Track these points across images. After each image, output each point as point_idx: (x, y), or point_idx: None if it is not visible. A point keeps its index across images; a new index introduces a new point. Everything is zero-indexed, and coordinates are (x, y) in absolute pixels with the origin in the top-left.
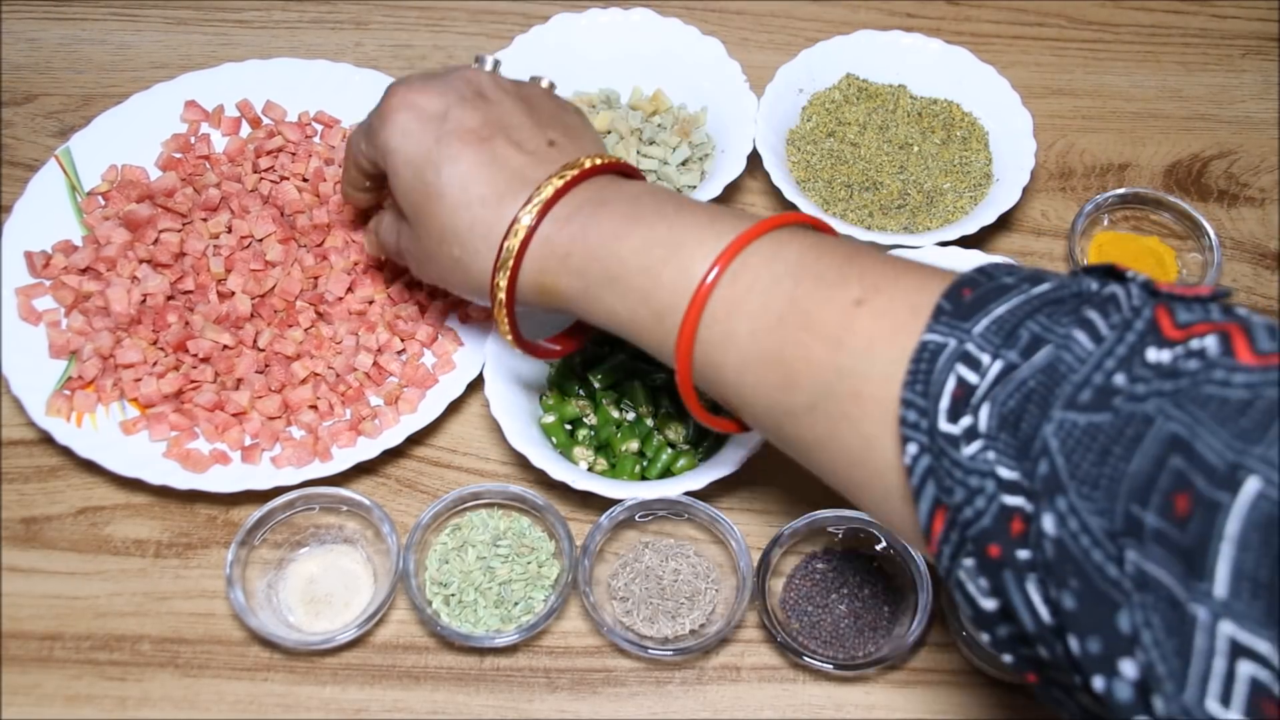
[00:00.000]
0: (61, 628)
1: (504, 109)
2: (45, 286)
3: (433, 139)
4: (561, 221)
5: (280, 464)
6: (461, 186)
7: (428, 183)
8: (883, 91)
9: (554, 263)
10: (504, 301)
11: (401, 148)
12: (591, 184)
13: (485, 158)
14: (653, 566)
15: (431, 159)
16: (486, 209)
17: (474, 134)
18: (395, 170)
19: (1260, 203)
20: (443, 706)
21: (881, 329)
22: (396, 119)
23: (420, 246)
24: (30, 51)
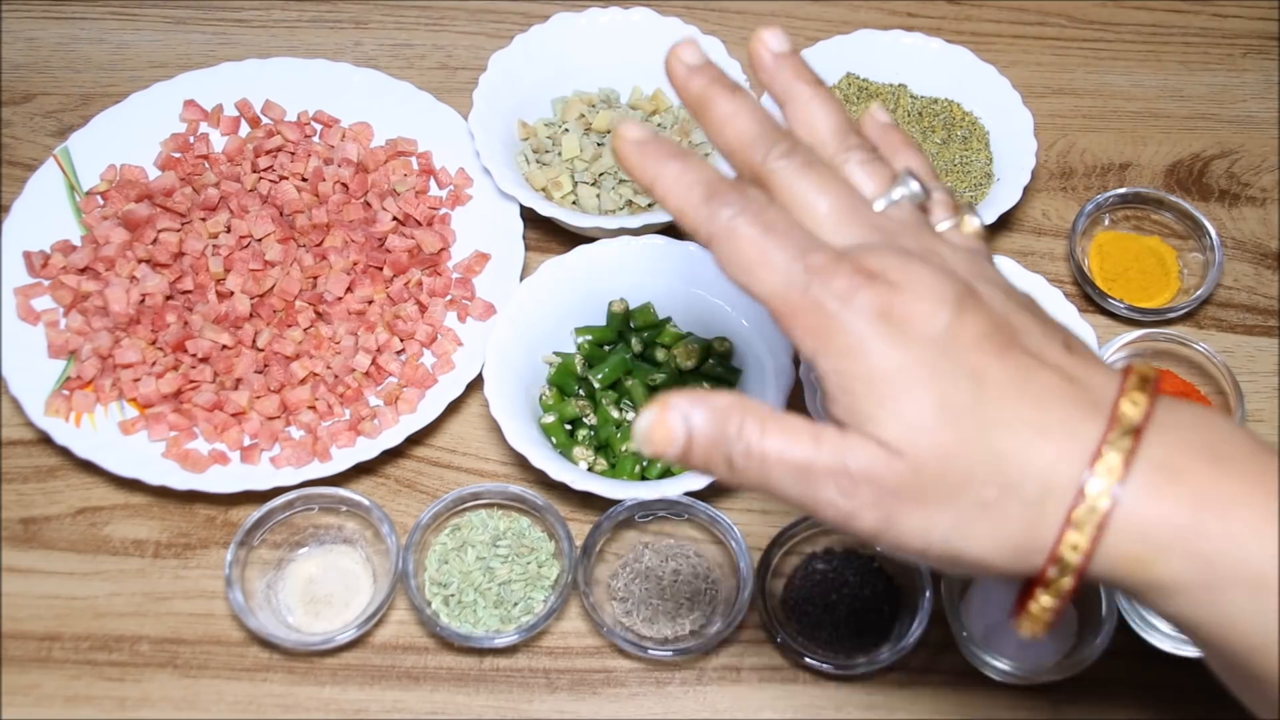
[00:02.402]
0: (60, 628)
1: (998, 303)
2: (44, 286)
3: (936, 352)
4: (1163, 473)
5: (279, 464)
6: (999, 403)
7: (941, 399)
8: (883, 91)
9: (1159, 532)
10: (1077, 568)
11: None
12: (1175, 415)
13: (1014, 373)
14: (653, 567)
15: (938, 366)
16: (1046, 436)
17: (989, 341)
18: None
19: (1261, 202)
20: (442, 707)
21: None
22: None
23: (919, 483)
24: (29, 51)
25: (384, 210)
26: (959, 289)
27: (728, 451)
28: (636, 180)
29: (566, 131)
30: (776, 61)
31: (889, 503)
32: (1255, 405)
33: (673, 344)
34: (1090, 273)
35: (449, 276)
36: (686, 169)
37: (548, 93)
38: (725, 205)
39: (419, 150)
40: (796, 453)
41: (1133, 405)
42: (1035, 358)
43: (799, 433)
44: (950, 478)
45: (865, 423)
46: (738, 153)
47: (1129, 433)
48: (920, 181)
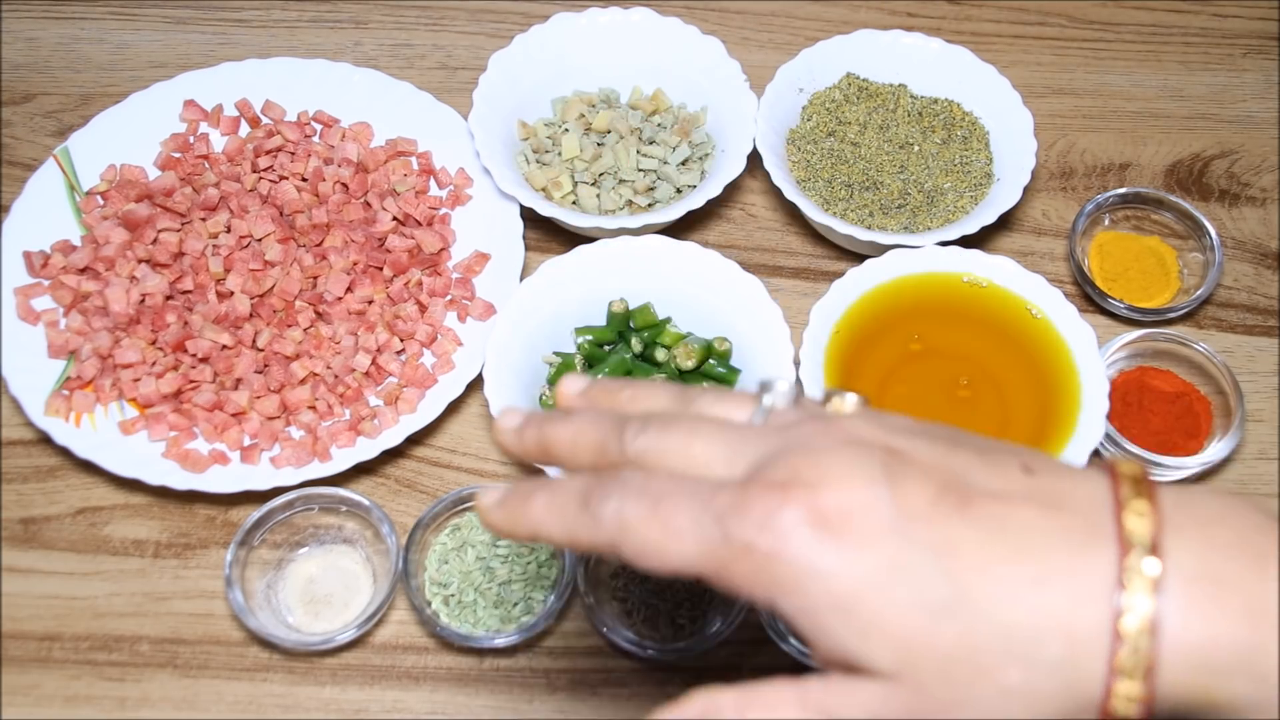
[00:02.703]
0: (60, 628)
1: (924, 451)
2: (44, 286)
3: (893, 542)
4: (1199, 586)
5: (279, 464)
6: (985, 580)
7: (925, 604)
8: (883, 91)
9: (1214, 655)
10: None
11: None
12: (1188, 511)
13: (986, 527)
14: None
15: (914, 571)
16: (1049, 592)
17: (941, 502)
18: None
19: (1261, 202)
20: (442, 707)
21: None
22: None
23: (926, 702)
24: (29, 51)
25: (384, 210)
26: (881, 458)
27: None
28: (519, 539)
29: (566, 131)
30: (583, 396)
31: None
32: (1255, 405)
33: (673, 344)
34: (1090, 273)
35: (449, 276)
36: (553, 493)
37: (548, 93)
38: (604, 500)
39: (419, 150)
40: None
41: (1139, 517)
42: (998, 498)
43: (782, 703)
44: (960, 681)
45: (851, 656)
46: (599, 461)
47: (1148, 550)
48: (788, 382)
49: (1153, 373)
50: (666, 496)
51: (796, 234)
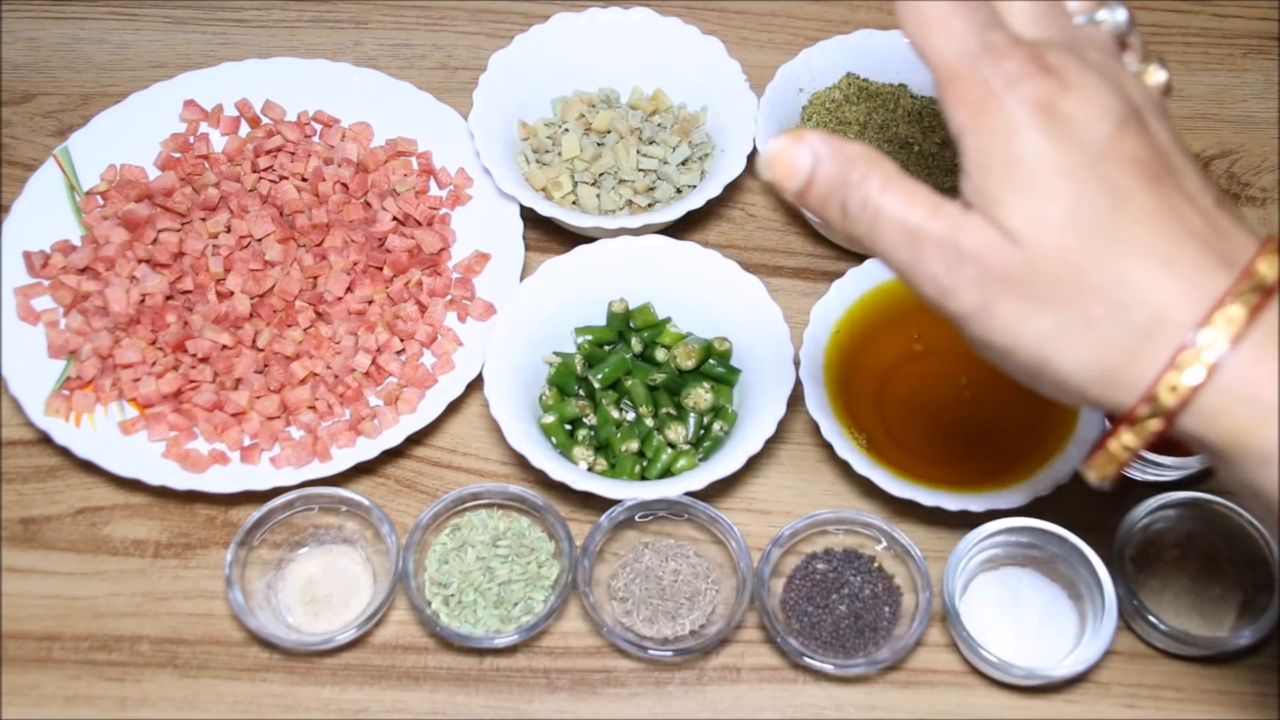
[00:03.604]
0: (60, 628)
1: (1163, 141)
2: (44, 286)
3: (1087, 159)
4: (1277, 339)
5: (279, 464)
6: (1132, 232)
7: (1079, 203)
8: (883, 91)
9: (1263, 395)
10: (1169, 411)
11: (1033, 157)
12: None
13: (1160, 205)
14: (653, 567)
15: (1086, 185)
16: (1174, 270)
17: (1143, 167)
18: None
19: (1262, 202)
20: (442, 707)
21: None
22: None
23: (1029, 276)
24: (29, 51)
25: (384, 210)
26: (1127, 109)
27: (844, 197)
28: None
29: (566, 131)
30: None
31: (991, 287)
32: None
33: (673, 344)
34: None
35: (449, 276)
36: None
37: (548, 93)
38: None
39: (419, 150)
40: (911, 216)
41: (1269, 266)
42: (1185, 197)
43: (919, 198)
44: (1062, 282)
45: (993, 205)
46: None
47: (1258, 290)
48: (1127, 13)
49: None
50: (955, 6)
51: (796, 234)
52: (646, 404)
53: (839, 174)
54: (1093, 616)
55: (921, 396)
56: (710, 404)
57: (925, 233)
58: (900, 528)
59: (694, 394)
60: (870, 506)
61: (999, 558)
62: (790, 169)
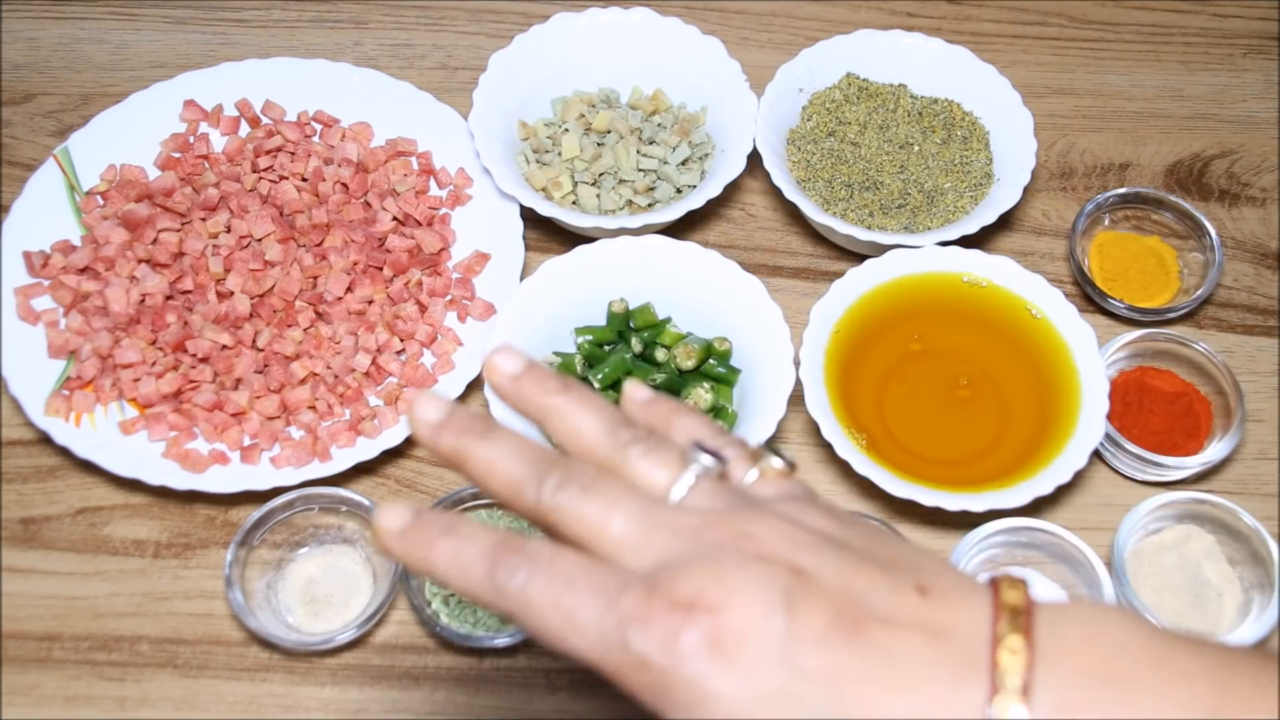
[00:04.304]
0: (60, 628)
1: (830, 569)
2: (44, 286)
3: (783, 669)
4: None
5: (279, 464)
6: (868, 709)
7: None
8: (883, 91)
9: None
10: None
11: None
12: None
13: (873, 657)
14: None
15: (801, 697)
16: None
17: (834, 631)
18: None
19: (1261, 202)
20: (442, 707)
21: None
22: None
23: None
24: (29, 51)
25: (384, 210)
26: (784, 581)
27: None
28: (415, 572)
29: (566, 131)
30: (516, 383)
31: None
32: (1255, 405)
33: (673, 344)
34: (1090, 273)
35: (449, 276)
36: (460, 545)
37: (548, 93)
38: (511, 573)
39: (419, 150)
40: None
41: (1011, 654)
42: (889, 624)
43: None
44: None
45: None
46: (512, 502)
47: (1015, 691)
48: (708, 450)
49: (1153, 373)
50: (573, 583)
51: (796, 234)
52: None
53: None
54: None
55: (921, 396)
56: (710, 404)
57: None
58: (900, 528)
59: (694, 394)
60: (870, 506)
61: (999, 558)
62: None
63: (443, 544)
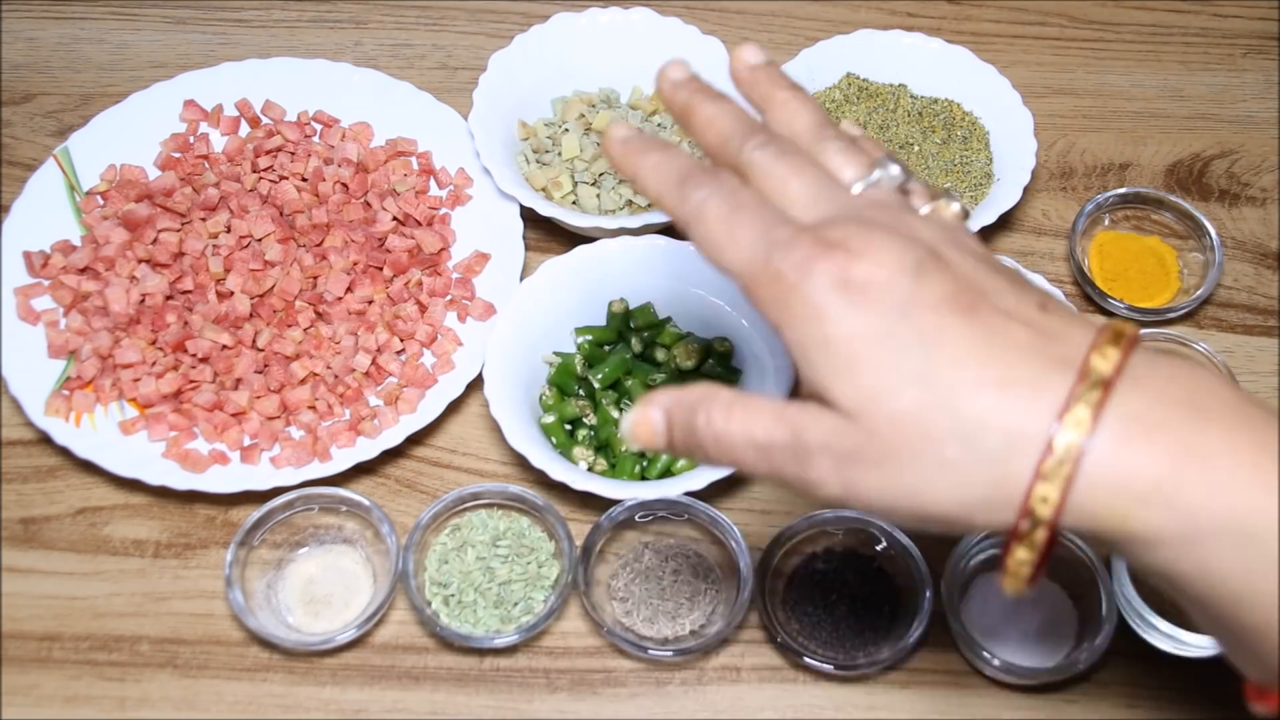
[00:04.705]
0: (60, 628)
1: (968, 267)
2: (44, 286)
3: (895, 309)
4: (1135, 425)
5: (279, 464)
6: (957, 360)
7: (896, 361)
8: (883, 91)
9: (1136, 484)
10: (1048, 521)
11: (841, 319)
12: (1153, 369)
13: (980, 332)
14: (653, 567)
15: (897, 330)
16: (1011, 391)
17: (951, 302)
18: (825, 346)
19: (1261, 202)
20: (442, 707)
21: None
22: (828, 307)
23: (876, 444)
24: (29, 51)
25: (384, 210)
26: (920, 254)
27: (699, 440)
28: (623, 174)
29: (566, 131)
30: (753, 73)
31: (847, 469)
32: None
33: (673, 344)
34: (1090, 273)
35: (449, 276)
36: (665, 158)
37: (548, 93)
38: (698, 188)
39: (419, 150)
40: (757, 433)
41: (1103, 358)
42: (1004, 315)
43: (760, 413)
44: (906, 439)
45: (824, 391)
46: (718, 150)
47: (1098, 385)
48: (898, 164)
49: None
50: (745, 208)
51: None
52: None
53: (688, 421)
54: (1093, 616)
55: None
56: None
57: (773, 443)
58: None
59: None
60: None
61: (999, 558)
62: (649, 433)
63: (653, 155)
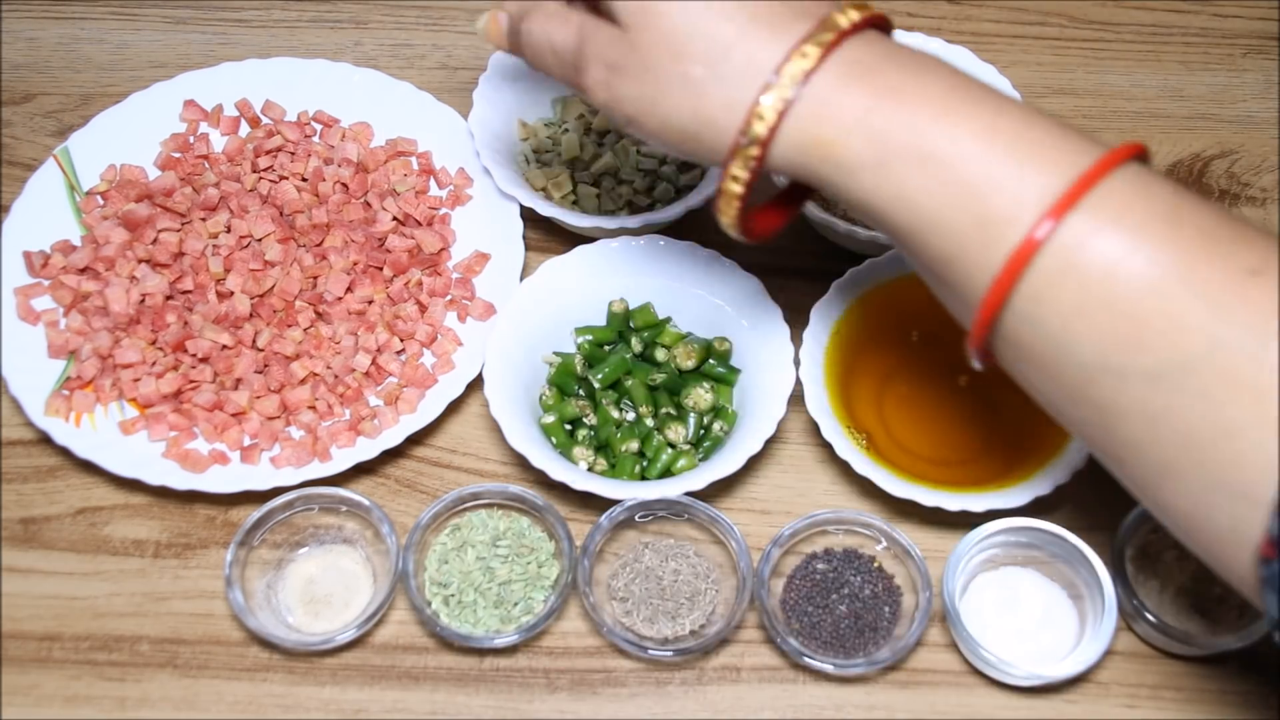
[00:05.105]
0: (60, 628)
1: None
2: (44, 286)
3: None
4: (859, 69)
5: (279, 464)
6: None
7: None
8: None
9: (845, 115)
10: (761, 139)
11: None
12: (878, 40)
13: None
14: (653, 567)
15: None
16: (757, 26)
17: None
18: None
19: (1262, 202)
20: (442, 707)
21: None
22: None
23: (638, 56)
24: (29, 51)
25: (384, 210)
26: None
27: (522, 41)
28: (489, 41)
29: (566, 131)
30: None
31: (613, 77)
32: None
33: (673, 344)
34: None
35: (449, 276)
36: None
37: (548, 93)
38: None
39: (419, 150)
40: (555, 38)
41: (843, 15)
42: None
43: (563, 23)
44: (663, 52)
45: (609, 8)
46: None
47: (831, 30)
48: None
49: None
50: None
51: (796, 234)
52: (646, 404)
53: (518, 26)
54: (1093, 616)
55: (921, 396)
56: (710, 404)
57: (566, 48)
58: (900, 528)
59: (694, 394)
60: (870, 506)
61: (999, 558)
62: (498, 33)
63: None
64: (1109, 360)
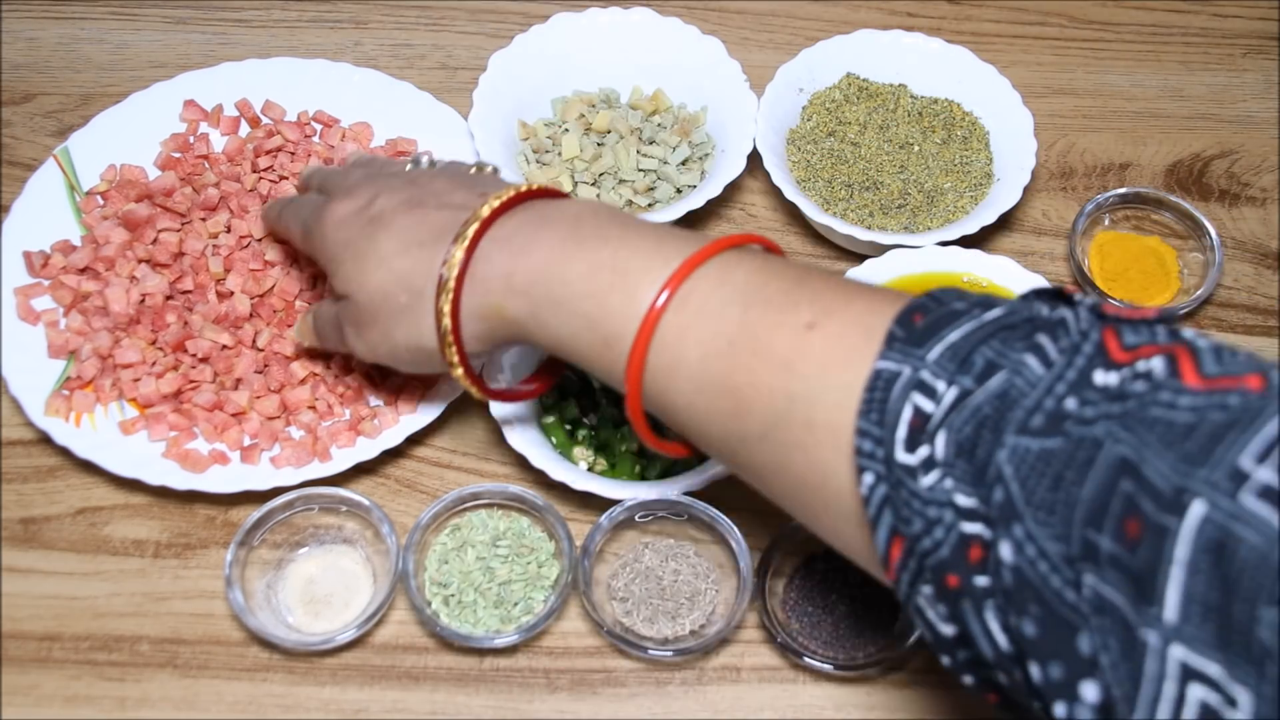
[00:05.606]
0: (60, 628)
1: (431, 183)
2: (44, 286)
3: (364, 221)
4: (502, 242)
5: (279, 464)
6: (398, 240)
7: (363, 253)
8: (883, 91)
9: (498, 283)
10: (450, 328)
11: (334, 239)
12: (529, 206)
13: (418, 217)
14: (653, 567)
15: (365, 233)
16: (424, 249)
17: (404, 204)
18: (333, 259)
19: (1261, 202)
20: (442, 707)
21: (834, 354)
22: (325, 230)
23: (362, 311)
24: (29, 50)
25: None
26: (375, 186)
27: (317, 335)
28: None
29: (566, 131)
30: None
31: (359, 332)
32: None
33: None
34: (1090, 273)
35: None
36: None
37: (548, 93)
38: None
39: (419, 150)
40: (321, 322)
41: (487, 206)
42: (440, 207)
43: (324, 310)
44: (376, 300)
45: (336, 287)
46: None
47: (475, 220)
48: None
49: None
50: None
51: (796, 234)
52: None
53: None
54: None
55: None
56: None
57: (330, 326)
58: None
59: None
60: None
61: None
62: (310, 336)
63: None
64: (729, 429)
